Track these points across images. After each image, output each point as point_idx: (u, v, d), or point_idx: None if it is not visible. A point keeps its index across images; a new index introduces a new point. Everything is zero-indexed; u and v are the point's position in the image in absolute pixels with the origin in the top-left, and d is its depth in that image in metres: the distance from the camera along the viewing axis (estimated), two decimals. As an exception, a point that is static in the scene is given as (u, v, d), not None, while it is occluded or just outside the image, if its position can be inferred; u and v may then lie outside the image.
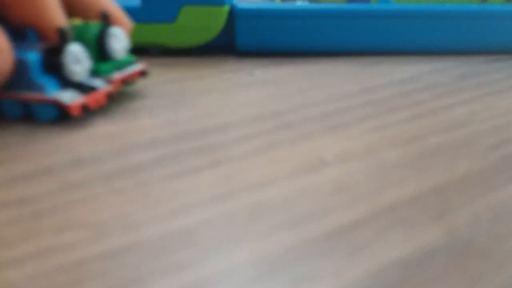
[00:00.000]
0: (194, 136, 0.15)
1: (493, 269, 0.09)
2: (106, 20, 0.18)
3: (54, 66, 0.16)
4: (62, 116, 0.16)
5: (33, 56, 0.15)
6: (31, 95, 0.16)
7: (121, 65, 0.18)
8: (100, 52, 0.18)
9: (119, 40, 0.18)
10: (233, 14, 0.26)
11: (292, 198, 0.12)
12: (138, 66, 0.19)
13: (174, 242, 0.10)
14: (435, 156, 0.14)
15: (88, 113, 0.17)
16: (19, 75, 0.16)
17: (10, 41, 0.15)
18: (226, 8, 0.25)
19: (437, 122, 0.17)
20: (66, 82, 0.16)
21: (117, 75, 0.18)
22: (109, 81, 0.17)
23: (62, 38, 0.16)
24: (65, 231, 0.10)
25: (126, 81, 0.18)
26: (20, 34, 0.16)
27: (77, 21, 0.19)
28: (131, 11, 0.25)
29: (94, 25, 0.18)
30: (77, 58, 0.16)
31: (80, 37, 0.17)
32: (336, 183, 0.12)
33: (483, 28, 0.27)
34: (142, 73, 0.19)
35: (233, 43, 0.26)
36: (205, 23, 0.25)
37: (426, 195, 0.12)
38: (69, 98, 0.16)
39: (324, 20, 0.26)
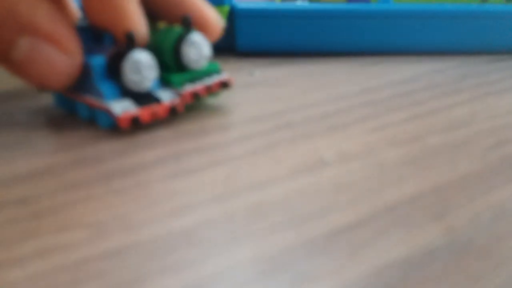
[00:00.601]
0: (194, 136, 0.15)
1: (493, 269, 0.09)
2: (187, 24, 0.16)
3: (116, 72, 0.15)
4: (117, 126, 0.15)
5: (96, 61, 0.15)
6: (92, 100, 0.15)
7: (197, 76, 0.16)
8: (176, 61, 0.16)
9: (197, 49, 0.16)
10: (233, 14, 0.26)
11: (292, 198, 0.12)
12: (219, 76, 0.17)
13: (174, 241, 0.10)
14: (435, 156, 0.14)
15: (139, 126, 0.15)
16: (86, 78, 0.15)
17: (85, 43, 0.15)
18: (226, 8, 0.25)
19: (436, 122, 0.17)
20: (127, 91, 0.15)
21: (188, 88, 0.16)
22: (178, 94, 0.16)
23: (129, 43, 0.15)
24: (65, 231, 0.10)
25: (198, 95, 0.16)
26: (98, 37, 0.16)
27: (162, 25, 0.17)
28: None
29: (175, 31, 0.16)
30: (137, 67, 0.15)
31: (160, 43, 0.16)
32: (336, 183, 0.12)
33: (483, 28, 0.27)
34: (224, 84, 0.17)
35: (233, 43, 0.26)
36: (205, 23, 0.25)
37: (426, 195, 0.12)
38: (121, 108, 0.15)
39: (324, 20, 0.26)
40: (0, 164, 0.13)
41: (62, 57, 0.14)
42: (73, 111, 0.17)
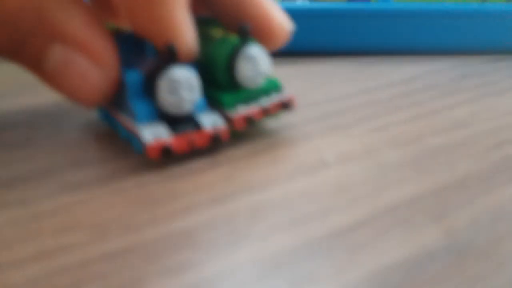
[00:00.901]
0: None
1: (493, 270, 0.09)
2: (244, 34, 0.14)
3: (152, 91, 0.13)
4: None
5: (131, 76, 0.13)
6: (126, 121, 0.13)
7: (252, 96, 0.14)
8: (229, 78, 0.14)
9: (254, 64, 0.14)
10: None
11: (292, 199, 0.12)
12: (279, 96, 0.15)
13: (175, 243, 0.10)
14: (435, 157, 0.14)
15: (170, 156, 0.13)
16: (123, 95, 0.13)
17: (126, 54, 0.14)
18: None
19: (436, 123, 0.17)
20: (163, 114, 0.13)
21: (241, 111, 0.14)
22: (229, 118, 0.14)
23: (169, 58, 0.13)
24: (66, 232, 0.10)
25: (252, 119, 0.14)
26: (142, 46, 0.14)
27: (218, 33, 0.15)
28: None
29: (230, 42, 0.14)
30: (175, 86, 0.13)
31: (212, 56, 0.14)
32: (336, 183, 0.12)
33: (483, 28, 0.27)
34: (285, 106, 0.15)
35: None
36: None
37: (426, 196, 0.12)
38: (152, 135, 0.13)
39: (323, 19, 0.26)
40: (0, 166, 0.13)
41: (95, 70, 0.13)
42: (115, 128, 0.15)
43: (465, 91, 0.21)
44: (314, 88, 0.21)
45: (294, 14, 0.26)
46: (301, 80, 0.22)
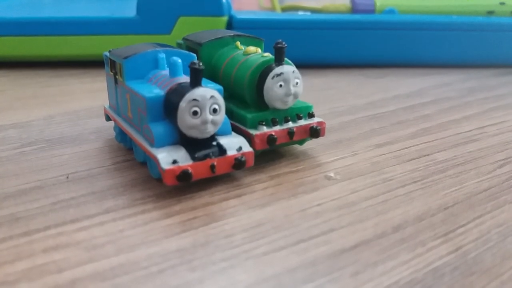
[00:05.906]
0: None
1: (499, 287, 0.10)
2: (279, 52, 0.13)
3: (173, 113, 0.12)
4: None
5: (151, 96, 0.12)
6: (144, 143, 0.13)
7: (279, 117, 0.14)
8: (256, 96, 0.13)
9: (285, 84, 0.13)
10: (232, 25, 0.26)
11: (294, 217, 0.12)
12: (309, 121, 0.14)
13: (170, 262, 0.10)
14: (442, 173, 0.14)
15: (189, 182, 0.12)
16: (142, 115, 0.13)
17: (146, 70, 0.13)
18: (224, 19, 0.26)
19: (444, 138, 0.17)
20: (184, 137, 0.12)
21: (264, 131, 0.13)
22: (251, 136, 0.13)
23: (192, 77, 0.12)
24: (58, 250, 0.10)
25: (274, 141, 0.13)
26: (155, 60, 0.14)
27: (252, 49, 0.15)
28: (125, 22, 0.25)
29: (263, 58, 0.14)
30: (196, 108, 0.12)
31: (242, 72, 0.14)
32: (341, 201, 0.13)
33: (490, 41, 0.28)
34: (313, 132, 0.14)
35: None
36: (203, 34, 0.25)
37: (433, 214, 0.12)
38: (169, 160, 0.12)
39: (326, 31, 0.27)
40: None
41: None
42: (131, 149, 0.15)
43: (473, 105, 0.21)
44: (317, 101, 0.21)
45: (295, 25, 0.27)
46: (304, 93, 0.22)
